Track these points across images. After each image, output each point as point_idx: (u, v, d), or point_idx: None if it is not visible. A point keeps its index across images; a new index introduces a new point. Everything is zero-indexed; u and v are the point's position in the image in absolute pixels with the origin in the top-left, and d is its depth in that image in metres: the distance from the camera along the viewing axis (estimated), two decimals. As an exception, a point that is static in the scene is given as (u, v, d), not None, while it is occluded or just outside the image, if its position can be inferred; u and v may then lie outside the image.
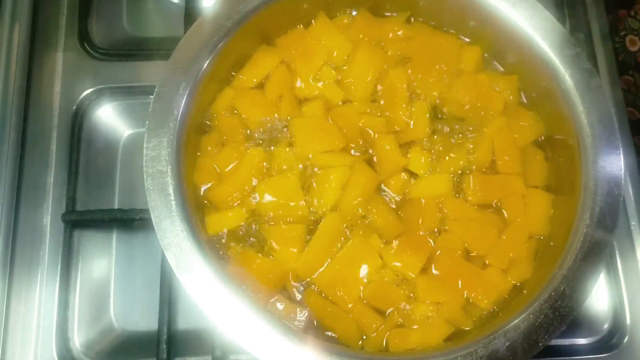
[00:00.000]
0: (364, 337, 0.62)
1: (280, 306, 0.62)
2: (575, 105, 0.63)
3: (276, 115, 0.68)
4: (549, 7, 0.82)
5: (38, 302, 0.69)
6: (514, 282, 0.64)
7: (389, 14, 0.74)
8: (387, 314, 0.62)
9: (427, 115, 0.68)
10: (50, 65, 0.78)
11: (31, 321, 0.68)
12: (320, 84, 0.70)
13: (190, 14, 0.79)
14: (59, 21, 0.81)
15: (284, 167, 0.65)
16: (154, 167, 0.59)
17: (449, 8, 0.71)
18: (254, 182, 0.65)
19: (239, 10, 0.65)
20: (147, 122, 0.61)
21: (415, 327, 0.62)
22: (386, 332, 0.61)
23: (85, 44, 0.80)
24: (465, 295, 0.63)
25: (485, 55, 0.73)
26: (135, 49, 0.81)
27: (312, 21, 0.72)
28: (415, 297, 0.63)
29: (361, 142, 0.68)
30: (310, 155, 0.66)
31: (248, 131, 0.68)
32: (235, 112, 0.69)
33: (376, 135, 0.68)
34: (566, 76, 0.64)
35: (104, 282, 0.72)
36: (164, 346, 0.66)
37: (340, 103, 0.70)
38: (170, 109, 0.61)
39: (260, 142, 0.68)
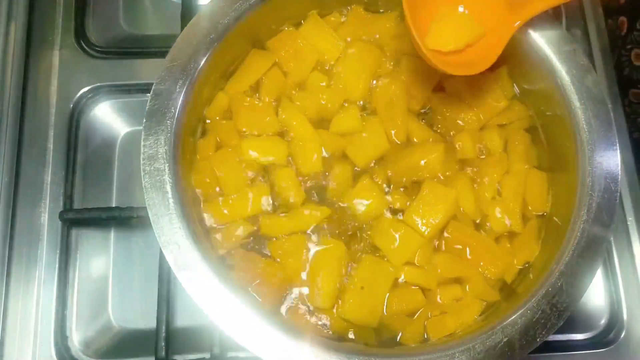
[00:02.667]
0: (401, 334, 0.62)
1: (291, 312, 0.62)
2: (572, 102, 0.63)
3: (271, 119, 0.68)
4: (546, 3, 0.82)
5: (36, 301, 0.69)
6: (522, 261, 0.65)
7: (382, 10, 0.74)
8: (415, 315, 0.63)
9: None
10: (46, 64, 0.78)
11: (29, 320, 0.68)
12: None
13: (187, 12, 0.79)
14: (55, 19, 0.81)
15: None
16: (151, 165, 0.59)
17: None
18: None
19: (236, 8, 0.65)
20: (144, 120, 0.60)
21: (449, 312, 0.63)
22: (423, 323, 0.62)
23: (82, 42, 0.79)
24: (480, 268, 0.64)
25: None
26: (132, 47, 0.81)
27: (302, 21, 0.72)
28: (440, 276, 0.64)
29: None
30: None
31: (244, 134, 0.68)
32: (230, 117, 0.69)
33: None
34: (563, 72, 0.64)
35: (102, 280, 0.72)
36: (163, 344, 0.66)
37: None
38: (168, 106, 0.61)
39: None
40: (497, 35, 0.65)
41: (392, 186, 0.67)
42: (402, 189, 0.66)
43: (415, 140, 0.69)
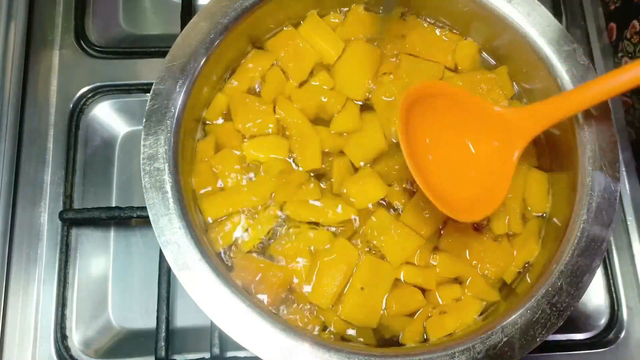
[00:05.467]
0: (401, 334, 0.62)
1: (291, 312, 0.62)
2: (572, 101, 0.63)
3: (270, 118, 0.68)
4: (546, 3, 0.82)
5: (36, 301, 0.69)
6: (522, 261, 0.65)
7: (382, 10, 0.74)
8: (415, 315, 0.63)
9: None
10: (46, 63, 0.78)
11: (29, 319, 0.68)
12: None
13: (186, 11, 0.79)
14: (55, 19, 0.81)
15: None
16: (151, 165, 0.59)
17: (444, 4, 0.71)
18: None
19: (235, 8, 0.65)
20: (144, 120, 0.60)
21: (448, 312, 0.63)
22: (422, 323, 0.62)
23: (82, 42, 0.79)
24: (478, 268, 0.64)
25: (482, 53, 0.74)
26: (131, 47, 0.81)
27: (302, 21, 0.72)
28: (440, 276, 0.64)
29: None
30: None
31: (243, 135, 0.68)
32: (230, 118, 0.69)
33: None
34: (563, 72, 0.64)
35: (102, 280, 0.72)
36: (162, 344, 0.66)
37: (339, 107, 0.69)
38: (168, 106, 0.61)
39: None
40: (498, 174, 0.62)
41: (389, 185, 0.67)
42: (399, 189, 0.66)
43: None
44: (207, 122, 0.69)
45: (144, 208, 0.59)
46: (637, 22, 0.78)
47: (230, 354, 0.68)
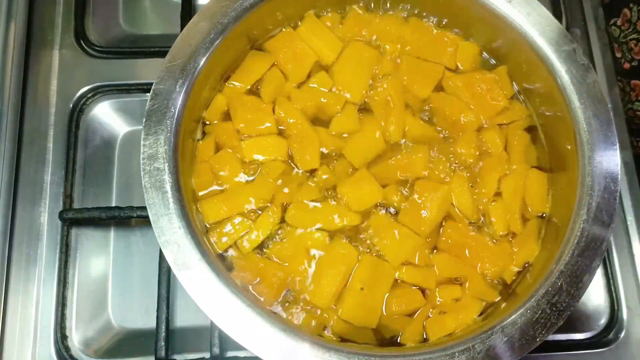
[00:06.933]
0: (400, 334, 0.62)
1: (288, 313, 0.62)
2: (572, 101, 0.63)
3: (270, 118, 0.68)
4: (546, 3, 0.83)
5: (36, 300, 0.69)
6: (522, 261, 0.65)
7: (382, 10, 0.74)
8: (415, 315, 0.63)
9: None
10: (46, 63, 0.78)
11: (29, 319, 0.68)
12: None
13: (186, 11, 0.79)
14: (55, 19, 0.81)
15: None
16: (151, 165, 0.59)
17: (444, 4, 0.71)
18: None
19: (235, 8, 0.65)
20: (144, 120, 0.60)
21: (448, 311, 0.63)
22: (422, 323, 0.62)
23: (82, 42, 0.79)
24: (478, 268, 0.64)
25: (483, 54, 0.74)
26: (131, 47, 0.81)
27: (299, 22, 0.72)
28: (439, 276, 0.64)
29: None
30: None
31: (243, 136, 0.68)
32: (229, 118, 0.69)
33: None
34: (563, 72, 0.64)
35: (102, 279, 0.72)
36: (162, 343, 0.66)
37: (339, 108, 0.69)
38: (167, 106, 0.61)
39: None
40: None
41: (388, 185, 0.67)
42: (397, 190, 0.66)
43: (411, 139, 0.69)
44: (207, 122, 0.69)
45: (143, 208, 0.59)
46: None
47: (230, 354, 0.68)
